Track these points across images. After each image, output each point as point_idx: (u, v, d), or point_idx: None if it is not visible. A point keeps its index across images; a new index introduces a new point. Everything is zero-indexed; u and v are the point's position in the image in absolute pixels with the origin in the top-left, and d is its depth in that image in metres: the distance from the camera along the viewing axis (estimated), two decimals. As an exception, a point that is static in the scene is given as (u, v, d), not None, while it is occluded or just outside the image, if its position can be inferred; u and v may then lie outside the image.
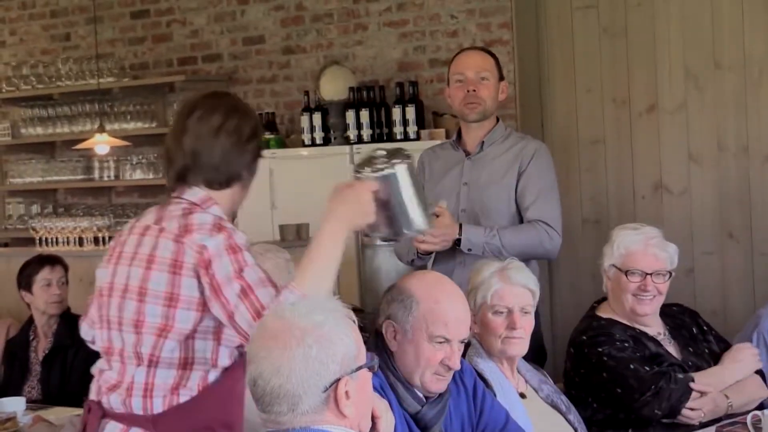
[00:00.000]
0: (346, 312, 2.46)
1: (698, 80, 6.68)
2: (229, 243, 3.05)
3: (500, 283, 3.74)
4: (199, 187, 3.20)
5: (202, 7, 8.36)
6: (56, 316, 5.63)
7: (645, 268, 4.19)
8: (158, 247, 3.11)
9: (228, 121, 3.21)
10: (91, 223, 6.76)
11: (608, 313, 4.28)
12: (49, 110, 8.87)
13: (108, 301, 3.21)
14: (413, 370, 3.22)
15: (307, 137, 7.48)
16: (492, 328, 3.73)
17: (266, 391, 2.36)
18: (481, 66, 4.78)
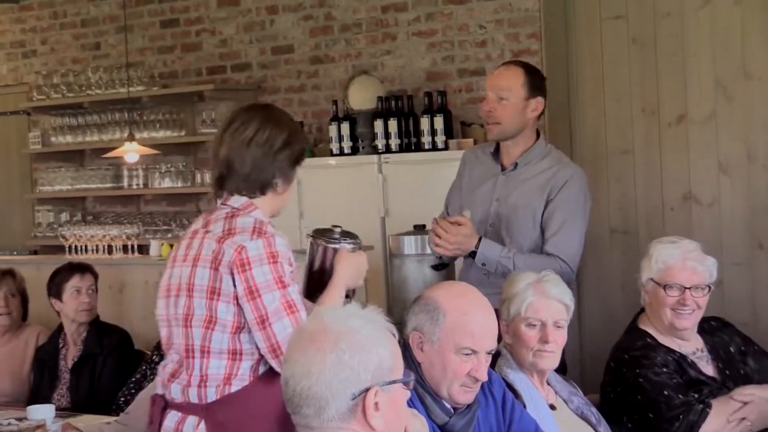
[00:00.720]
0: (387, 325, 2.45)
1: (727, 90, 6.66)
2: (270, 251, 3.30)
3: (535, 295, 3.72)
4: (240, 195, 3.45)
5: (232, 17, 8.39)
6: (86, 323, 5.65)
7: (683, 282, 4.15)
8: (203, 247, 3.39)
9: (259, 132, 3.45)
10: (120, 231, 6.78)
11: (649, 327, 4.24)
12: (79, 119, 8.92)
13: (167, 301, 3.49)
14: (440, 381, 3.22)
15: (335, 146, 7.49)
16: (524, 340, 3.72)
17: (296, 392, 2.37)
18: (501, 85, 4.69)
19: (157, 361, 5.25)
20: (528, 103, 4.68)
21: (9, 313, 5.90)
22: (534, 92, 4.70)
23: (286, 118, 3.62)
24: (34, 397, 5.63)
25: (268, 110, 3.61)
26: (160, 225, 8.32)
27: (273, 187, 3.48)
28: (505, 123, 4.66)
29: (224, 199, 3.49)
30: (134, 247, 6.69)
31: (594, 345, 6.69)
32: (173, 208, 8.70)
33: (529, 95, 4.68)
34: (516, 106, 4.66)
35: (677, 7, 6.76)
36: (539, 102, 4.71)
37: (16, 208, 9.65)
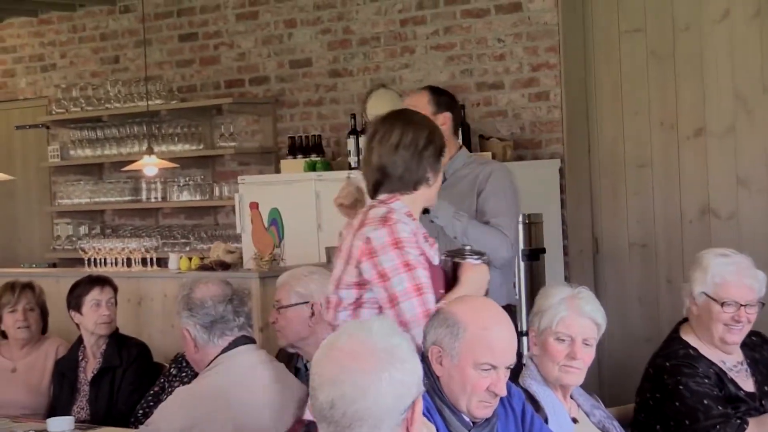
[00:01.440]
0: (408, 335, 2.48)
1: (747, 103, 6.65)
2: (394, 238, 3.61)
3: (568, 311, 3.70)
4: (398, 194, 3.78)
5: (250, 31, 8.42)
6: (105, 336, 5.66)
7: (740, 299, 4.12)
8: (345, 242, 3.76)
9: (404, 136, 3.77)
10: (139, 244, 6.79)
11: (691, 338, 4.22)
12: (98, 132, 8.96)
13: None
14: (459, 395, 3.21)
15: (353, 160, 7.49)
16: (552, 354, 3.71)
17: (346, 414, 2.36)
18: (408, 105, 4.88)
19: (174, 374, 5.26)
20: (436, 118, 4.79)
21: (28, 327, 5.91)
22: (440, 108, 4.94)
23: (422, 117, 3.95)
24: (53, 410, 5.64)
25: (406, 114, 3.96)
26: (178, 238, 8.34)
27: (426, 182, 3.78)
28: None
29: (387, 198, 3.79)
30: (153, 260, 6.70)
31: (612, 358, 6.67)
32: (191, 221, 8.72)
33: (435, 111, 4.90)
34: None
35: (696, 20, 6.76)
36: (446, 116, 4.93)
37: (36, 221, 9.68)
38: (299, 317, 4.60)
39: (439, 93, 5.07)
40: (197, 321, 3.91)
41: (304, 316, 4.61)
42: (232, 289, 4.01)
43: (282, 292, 4.66)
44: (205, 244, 7.91)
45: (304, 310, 4.61)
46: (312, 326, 4.58)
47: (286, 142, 8.05)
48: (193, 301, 3.94)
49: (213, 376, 3.86)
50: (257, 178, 7.84)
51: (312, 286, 4.67)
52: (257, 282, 5.77)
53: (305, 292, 4.65)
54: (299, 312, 4.60)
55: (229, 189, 8.20)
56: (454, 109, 5.03)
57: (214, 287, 3.98)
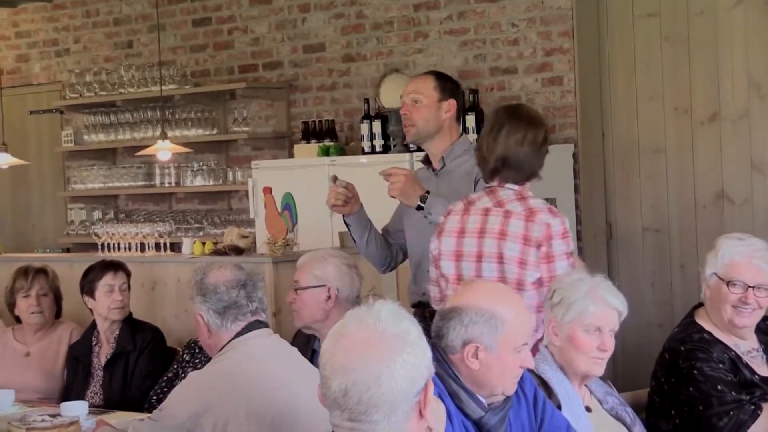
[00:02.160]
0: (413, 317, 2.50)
1: (761, 89, 6.63)
2: (565, 228, 4.22)
3: (595, 304, 3.70)
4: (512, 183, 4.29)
5: (264, 15, 8.41)
6: (118, 321, 5.68)
7: (747, 280, 4.11)
8: (509, 224, 4.22)
9: (528, 133, 4.27)
10: (152, 229, 6.79)
11: (706, 322, 4.22)
12: (112, 117, 8.97)
13: (456, 264, 4.32)
14: (496, 383, 3.23)
15: (366, 145, 7.50)
16: (582, 346, 3.70)
17: (362, 400, 2.37)
18: (413, 89, 4.93)
19: (188, 360, 5.28)
20: (441, 105, 4.87)
21: (41, 312, 5.93)
22: (445, 95, 4.92)
23: (539, 116, 4.45)
24: (67, 394, 5.66)
25: (528, 112, 4.44)
26: (192, 223, 8.35)
27: (537, 175, 4.32)
28: (419, 124, 4.89)
29: (499, 183, 4.31)
30: (166, 245, 6.71)
31: (625, 343, 6.66)
32: (205, 206, 8.73)
33: (441, 97, 4.90)
34: (429, 108, 4.88)
35: (710, 5, 6.74)
36: (451, 104, 4.91)
37: (49, 206, 9.71)
38: (315, 300, 4.66)
39: (445, 79, 5.04)
40: (210, 306, 3.91)
41: (320, 299, 4.66)
42: (245, 273, 4.01)
43: (301, 273, 4.72)
44: (219, 229, 7.93)
45: (321, 293, 4.66)
46: (327, 310, 4.62)
47: (299, 126, 8.05)
48: (206, 286, 3.94)
49: (226, 360, 3.86)
50: (271, 162, 7.85)
51: (330, 270, 4.72)
52: (270, 267, 5.78)
53: (322, 275, 4.69)
54: (316, 295, 4.66)
55: (242, 174, 8.21)
56: (458, 96, 5.01)
57: (227, 272, 3.98)
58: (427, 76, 5.04)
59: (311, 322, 4.68)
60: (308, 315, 4.67)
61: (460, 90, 5.12)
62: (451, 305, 3.27)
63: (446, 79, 5.05)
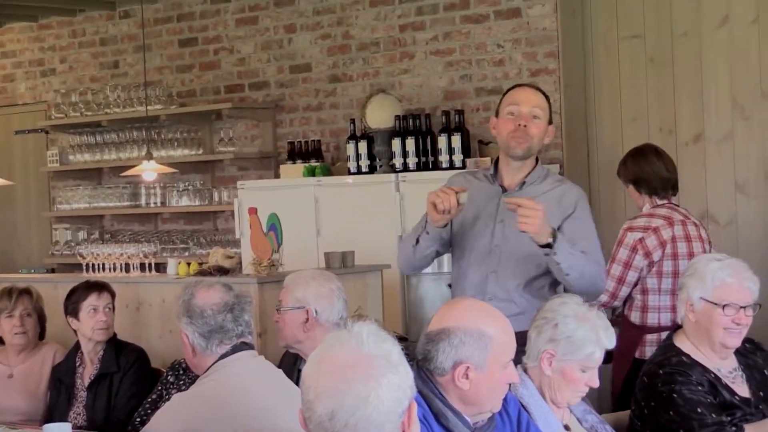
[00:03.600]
0: None
1: (745, 109, 6.66)
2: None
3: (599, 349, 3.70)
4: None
5: (250, 36, 8.42)
6: (102, 342, 5.65)
7: (739, 301, 4.11)
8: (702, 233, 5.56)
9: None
10: (137, 249, 6.77)
11: (685, 345, 4.21)
12: (97, 137, 8.96)
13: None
14: (486, 400, 3.23)
15: (352, 165, 7.50)
16: (576, 383, 3.72)
17: (349, 423, 2.36)
18: (536, 103, 4.58)
19: (172, 381, 5.25)
20: (548, 129, 4.62)
21: (25, 332, 5.90)
22: (551, 119, 4.68)
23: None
24: (50, 416, 5.63)
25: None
26: (177, 243, 8.34)
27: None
28: (535, 141, 4.55)
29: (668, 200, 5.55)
30: (152, 266, 6.69)
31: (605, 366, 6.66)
32: (191, 227, 8.72)
33: (549, 121, 4.65)
34: (543, 127, 4.59)
35: (694, 26, 6.77)
36: (552, 131, 4.67)
37: (34, 226, 9.69)
38: (295, 321, 4.70)
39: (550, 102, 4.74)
40: (196, 329, 3.89)
41: (299, 320, 4.68)
42: (233, 295, 3.98)
43: (283, 294, 4.78)
44: (204, 250, 7.92)
45: (300, 315, 4.68)
46: (306, 332, 4.64)
47: (285, 147, 8.06)
48: (193, 308, 3.92)
49: (210, 383, 3.84)
50: (256, 183, 7.85)
51: (310, 292, 4.72)
52: (256, 287, 5.77)
53: (302, 297, 4.71)
54: (295, 316, 4.70)
55: (228, 194, 8.20)
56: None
57: (215, 294, 3.95)
58: (541, 94, 4.68)
59: (293, 342, 4.75)
60: (290, 335, 4.74)
61: None
62: (437, 326, 3.25)
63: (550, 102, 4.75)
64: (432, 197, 4.39)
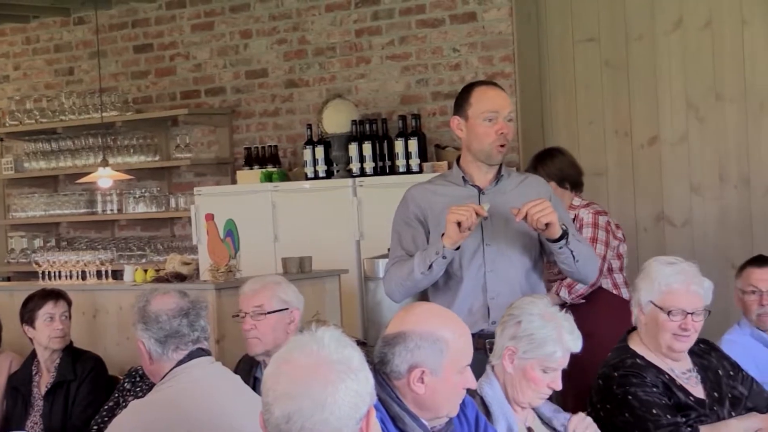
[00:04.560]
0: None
1: (699, 112, 6.71)
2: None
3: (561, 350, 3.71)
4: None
5: (206, 41, 8.40)
6: (59, 350, 5.62)
7: (686, 307, 4.09)
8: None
9: None
10: (94, 256, 6.74)
11: (639, 346, 4.22)
12: (53, 144, 8.90)
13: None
14: (442, 405, 3.23)
15: (309, 170, 7.49)
16: (537, 383, 3.73)
17: (305, 427, 2.35)
18: (510, 107, 4.54)
19: (128, 388, 5.22)
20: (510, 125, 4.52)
21: (-19, 341, 5.86)
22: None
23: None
24: (7, 425, 5.60)
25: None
26: (134, 250, 8.30)
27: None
28: (508, 144, 4.52)
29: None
30: (108, 273, 6.66)
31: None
32: (147, 233, 8.68)
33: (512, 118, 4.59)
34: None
35: (648, 30, 6.82)
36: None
37: (-10, 234, 9.60)
38: (281, 323, 4.62)
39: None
40: (152, 335, 3.87)
41: (284, 322, 4.63)
42: (189, 301, 3.97)
43: (264, 297, 4.65)
44: (162, 256, 7.88)
45: (285, 316, 4.64)
46: (290, 333, 4.58)
47: (242, 152, 8.04)
48: (148, 314, 3.90)
49: (167, 390, 3.82)
50: (213, 189, 7.82)
51: (290, 293, 4.70)
52: (213, 293, 5.75)
53: (287, 298, 4.67)
54: (282, 318, 4.63)
55: (185, 200, 8.17)
56: None
57: (170, 299, 3.94)
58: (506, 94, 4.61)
59: (273, 347, 4.60)
60: (272, 340, 4.60)
61: None
62: (394, 330, 3.25)
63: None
64: (455, 217, 4.24)
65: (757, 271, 5.04)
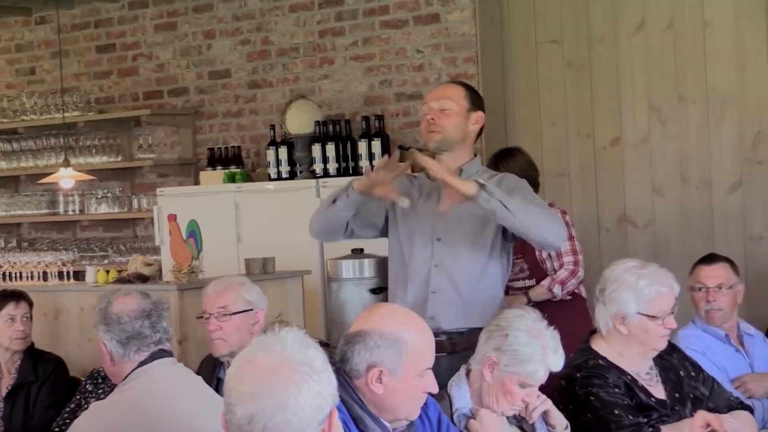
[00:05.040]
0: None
1: (661, 113, 6.75)
2: None
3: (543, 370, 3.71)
4: None
5: (168, 41, 8.37)
6: (20, 352, 5.58)
7: (669, 307, 4.14)
8: None
9: None
10: (55, 257, 6.70)
11: (603, 348, 4.23)
12: (14, 144, 8.84)
13: None
14: (401, 406, 3.22)
15: (273, 171, 7.48)
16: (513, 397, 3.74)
17: (267, 427, 2.35)
18: (444, 95, 4.62)
19: (90, 390, 5.20)
20: (470, 116, 4.61)
21: (-59, 343, 5.81)
22: (475, 106, 4.65)
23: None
24: (-33, 427, 5.56)
25: None
26: (96, 251, 8.25)
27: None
28: (446, 132, 4.57)
29: None
30: (70, 274, 6.62)
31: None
32: (110, 234, 8.64)
33: (470, 108, 4.62)
34: (459, 116, 4.59)
35: (611, 32, 6.85)
36: (480, 116, 4.65)
37: (-50, 235, 9.52)
38: (245, 324, 4.61)
39: (474, 91, 4.76)
40: (113, 336, 3.86)
41: (249, 322, 4.62)
42: (150, 302, 3.95)
43: (229, 298, 4.63)
44: (124, 257, 7.85)
45: (250, 317, 4.62)
46: (253, 334, 4.57)
47: (205, 153, 8.02)
48: (109, 315, 3.88)
49: (129, 391, 3.81)
50: (176, 189, 7.80)
51: (254, 293, 4.69)
52: (176, 294, 5.73)
53: (251, 299, 4.66)
54: (246, 318, 4.62)
55: (147, 201, 8.14)
56: (484, 111, 4.71)
57: (131, 301, 3.92)
58: (457, 85, 4.76)
59: (238, 348, 4.57)
60: (237, 341, 4.58)
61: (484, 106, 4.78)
62: (356, 329, 3.26)
63: (475, 91, 4.78)
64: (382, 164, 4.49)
65: (705, 268, 5.10)
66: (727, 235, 6.59)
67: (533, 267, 5.81)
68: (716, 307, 5.02)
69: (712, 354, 4.92)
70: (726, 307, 5.03)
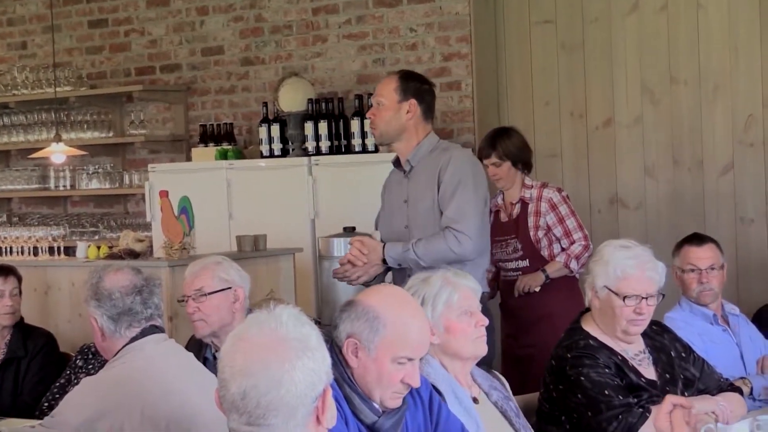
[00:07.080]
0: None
1: (654, 94, 6.74)
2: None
3: (456, 291, 3.73)
4: None
5: (161, 17, 8.34)
6: (9, 327, 5.58)
7: (641, 292, 4.11)
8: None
9: None
10: (46, 232, 6.69)
11: (592, 327, 4.24)
12: (5, 119, 8.82)
13: None
14: (374, 387, 3.21)
15: (265, 148, 7.47)
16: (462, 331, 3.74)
17: (261, 404, 2.36)
18: (378, 92, 5.00)
19: (80, 365, 5.20)
20: (401, 107, 4.91)
21: (-69, 317, 5.80)
22: (406, 95, 4.94)
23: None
24: (-44, 401, 5.55)
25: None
26: (87, 226, 8.24)
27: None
28: (380, 128, 4.96)
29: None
30: (60, 249, 6.61)
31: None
32: (101, 210, 8.63)
33: (401, 99, 4.93)
34: (389, 110, 4.93)
35: (605, 12, 6.84)
36: (412, 104, 4.93)
37: (-60, 209, 9.50)
38: (224, 303, 4.61)
39: (408, 79, 5.03)
40: (104, 312, 3.86)
41: (227, 301, 4.61)
42: (142, 278, 3.95)
43: (204, 279, 4.64)
44: (115, 233, 7.84)
45: (228, 295, 4.62)
46: (234, 312, 4.58)
47: (197, 130, 8.00)
48: (101, 291, 3.88)
49: (120, 366, 3.81)
50: (168, 166, 7.78)
51: (232, 272, 4.68)
52: (167, 271, 5.73)
53: (227, 278, 4.65)
54: (224, 297, 4.61)
55: (139, 177, 8.13)
56: (423, 95, 4.99)
57: (123, 276, 3.92)
58: (391, 77, 5.08)
59: (219, 328, 4.61)
60: (217, 320, 4.60)
61: (427, 85, 5.07)
62: (352, 299, 3.28)
63: (410, 78, 5.05)
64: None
65: (696, 249, 5.11)
66: (719, 217, 6.60)
67: (527, 247, 5.81)
68: (709, 288, 5.04)
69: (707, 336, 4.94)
70: (717, 287, 5.06)
